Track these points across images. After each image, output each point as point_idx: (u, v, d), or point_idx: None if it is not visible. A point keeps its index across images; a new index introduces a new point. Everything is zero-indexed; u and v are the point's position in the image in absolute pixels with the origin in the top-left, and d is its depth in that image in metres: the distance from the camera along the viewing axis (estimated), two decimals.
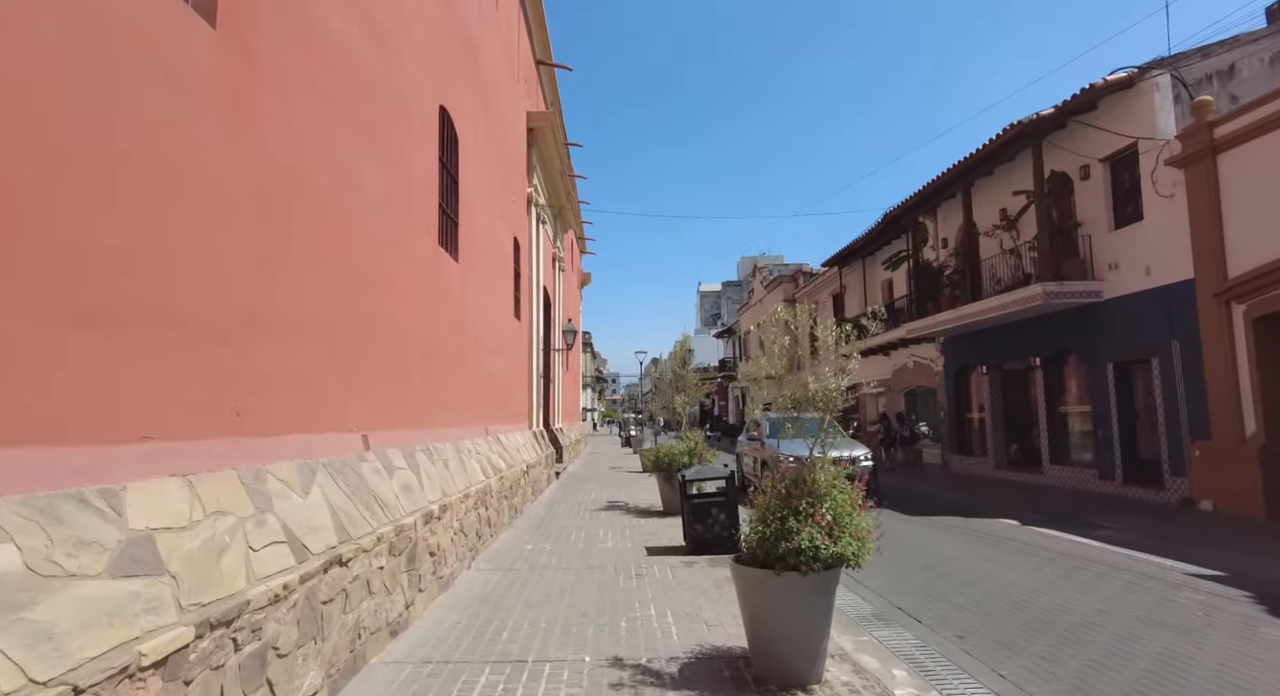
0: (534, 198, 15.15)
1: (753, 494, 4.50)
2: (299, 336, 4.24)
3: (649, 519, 10.34)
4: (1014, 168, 14.55)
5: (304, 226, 4.31)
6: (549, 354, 19.87)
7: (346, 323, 4.97)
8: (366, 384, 5.39)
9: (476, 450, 8.72)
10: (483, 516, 7.99)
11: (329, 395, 4.67)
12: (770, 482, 4.38)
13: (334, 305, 4.74)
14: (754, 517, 4.31)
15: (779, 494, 4.23)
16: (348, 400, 5.00)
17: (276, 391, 3.94)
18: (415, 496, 5.71)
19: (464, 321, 8.66)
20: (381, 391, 5.73)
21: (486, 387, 10.21)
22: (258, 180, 3.75)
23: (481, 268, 9.87)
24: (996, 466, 15.66)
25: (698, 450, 10.82)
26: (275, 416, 3.93)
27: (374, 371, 5.56)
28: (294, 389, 4.17)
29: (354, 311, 5.11)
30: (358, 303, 5.18)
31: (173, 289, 3.04)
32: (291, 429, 4.11)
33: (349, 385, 5.03)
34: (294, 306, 4.17)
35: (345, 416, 4.95)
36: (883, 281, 22.73)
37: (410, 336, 6.49)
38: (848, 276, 24.52)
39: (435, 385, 7.37)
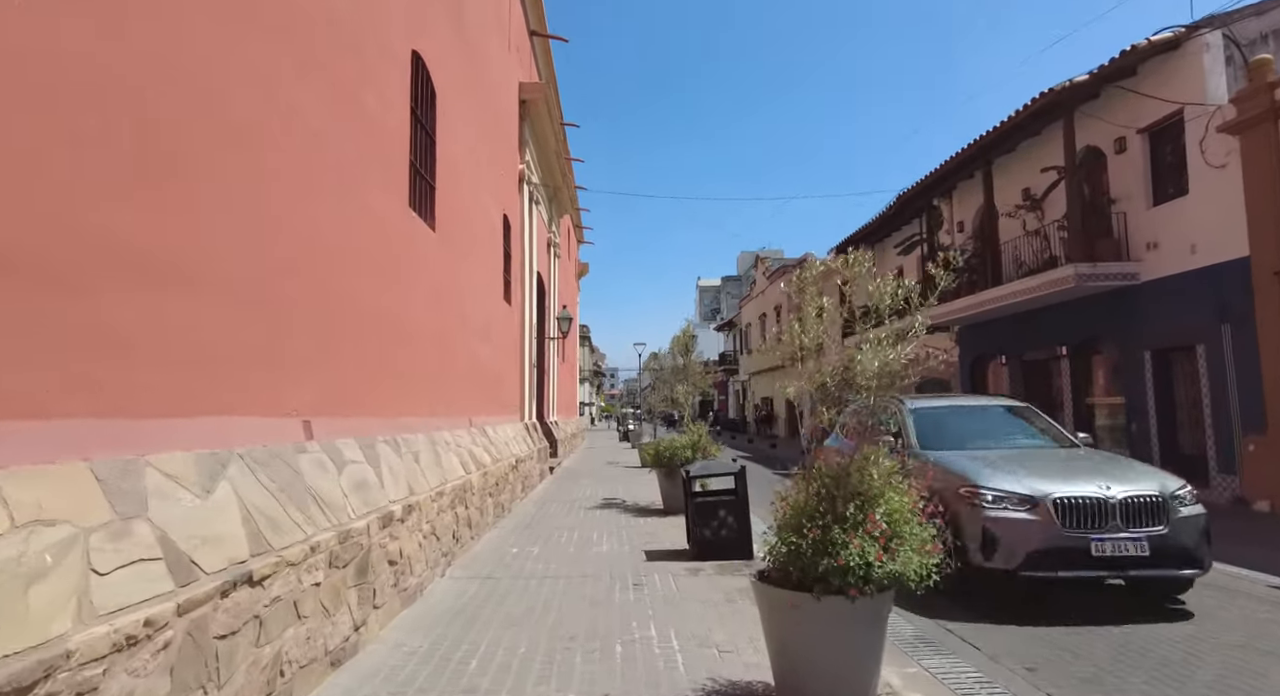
0: (526, 175, 14.23)
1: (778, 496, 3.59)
2: (202, 291, 3.32)
3: (648, 518, 9.44)
4: (1038, 143, 13.62)
5: (196, 141, 3.38)
6: (543, 343, 18.96)
7: (277, 283, 4.05)
8: (309, 361, 4.47)
9: (457, 442, 7.81)
10: (461, 516, 7.09)
11: (252, 371, 3.75)
12: (803, 480, 3.47)
13: (256, 258, 3.81)
14: (783, 524, 3.41)
15: (817, 494, 3.32)
16: (281, 379, 4.09)
17: (163, 360, 3.02)
18: (372, 495, 4.80)
19: (443, 298, 7.74)
20: (332, 371, 4.81)
21: (472, 374, 9.30)
22: (109, 61, 2.82)
23: (465, 241, 8.95)
24: None
25: (701, 444, 9.92)
26: (162, 392, 3.01)
27: (320, 346, 4.65)
28: (195, 359, 3.25)
29: (288, 270, 4.19)
30: (294, 259, 4.26)
31: None
32: (191, 409, 3.20)
33: (283, 361, 4.11)
34: (191, 250, 3.24)
35: (278, 398, 4.04)
36: (894, 269, 21.78)
37: (371, 309, 5.57)
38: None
39: (406, 368, 6.46)
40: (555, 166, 17.42)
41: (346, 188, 5.08)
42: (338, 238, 4.90)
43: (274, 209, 4.02)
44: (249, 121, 3.78)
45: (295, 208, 4.27)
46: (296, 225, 4.31)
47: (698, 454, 9.80)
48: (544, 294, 19.20)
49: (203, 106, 3.34)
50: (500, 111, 11.91)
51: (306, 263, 4.46)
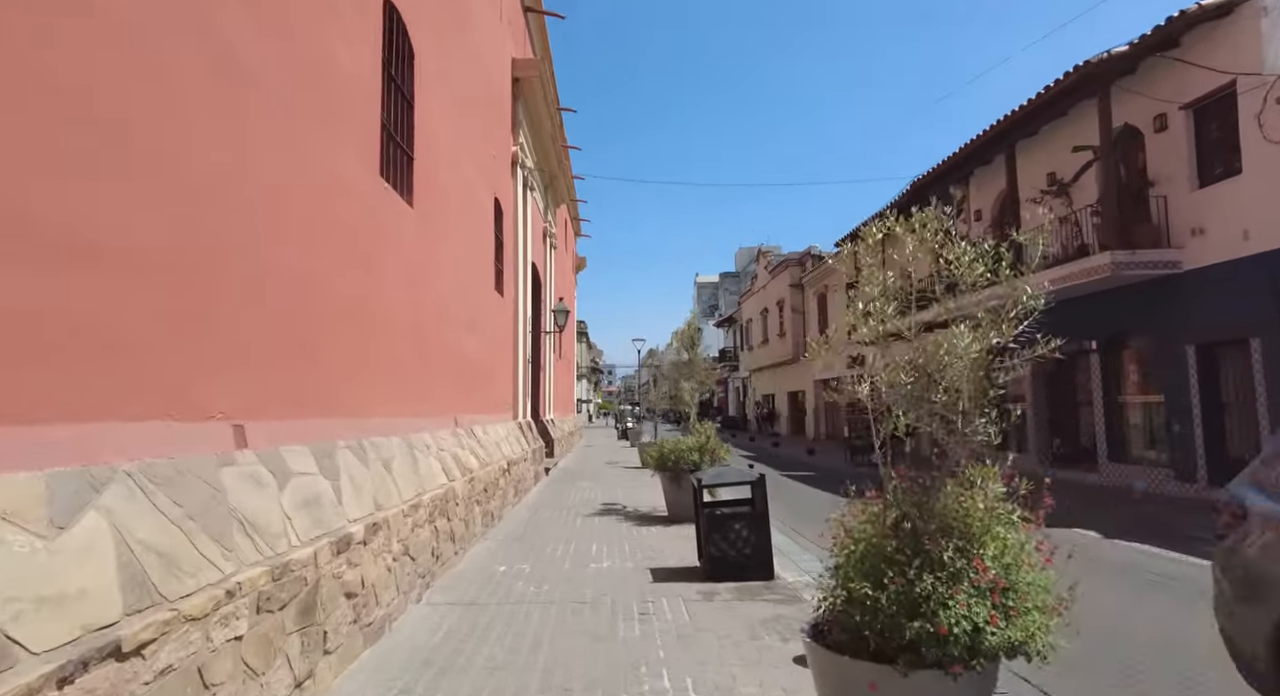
0: (520, 158, 13.36)
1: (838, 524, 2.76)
2: (87, 263, 2.46)
3: (652, 528, 8.61)
4: (1065, 124, 12.79)
5: (97, 78, 2.52)
6: (539, 337, 18.11)
7: (198, 254, 3.19)
8: (246, 352, 3.62)
9: (439, 445, 6.97)
10: (442, 530, 6.25)
11: (155, 362, 2.90)
12: (880, 507, 2.64)
13: (166, 222, 2.95)
14: (849, 564, 2.58)
15: (895, 526, 2.48)
16: (202, 373, 3.24)
17: (12, 348, 2.17)
18: (325, 514, 3.96)
19: (422, 283, 6.89)
20: (275, 365, 3.96)
21: (457, 370, 8.45)
22: None
23: (449, 222, 8.09)
24: (1039, 463, 13.94)
25: (710, 446, 9.09)
26: (4, 391, 2.16)
27: (262, 334, 3.80)
28: (65, 347, 2.39)
29: (215, 239, 3.33)
30: (224, 227, 3.40)
31: None
32: (50, 413, 2.35)
33: (205, 351, 3.26)
34: (76, 212, 2.38)
35: (197, 397, 3.19)
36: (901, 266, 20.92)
37: (332, 291, 4.72)
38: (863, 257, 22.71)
39: (377, 361, 5.61)
40: (551, 151, 16.55)
41: (298, 146, 4.23)
42: (285, 203, 4.04)
43: (197, 165, 3.16)
44: (170, 58, 2.92)
45: (223, 159, 3.42)
46: (229, 181, 3.45)
47: (706, 457, 8.99)
48: (539, 286, 18.34)
49: (108, 36, 2.49)
50: (491, 86, 11.04)
51: (244, 231, 3.60)
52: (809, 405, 30.41)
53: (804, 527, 9.11)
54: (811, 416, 29.81)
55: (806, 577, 6.22)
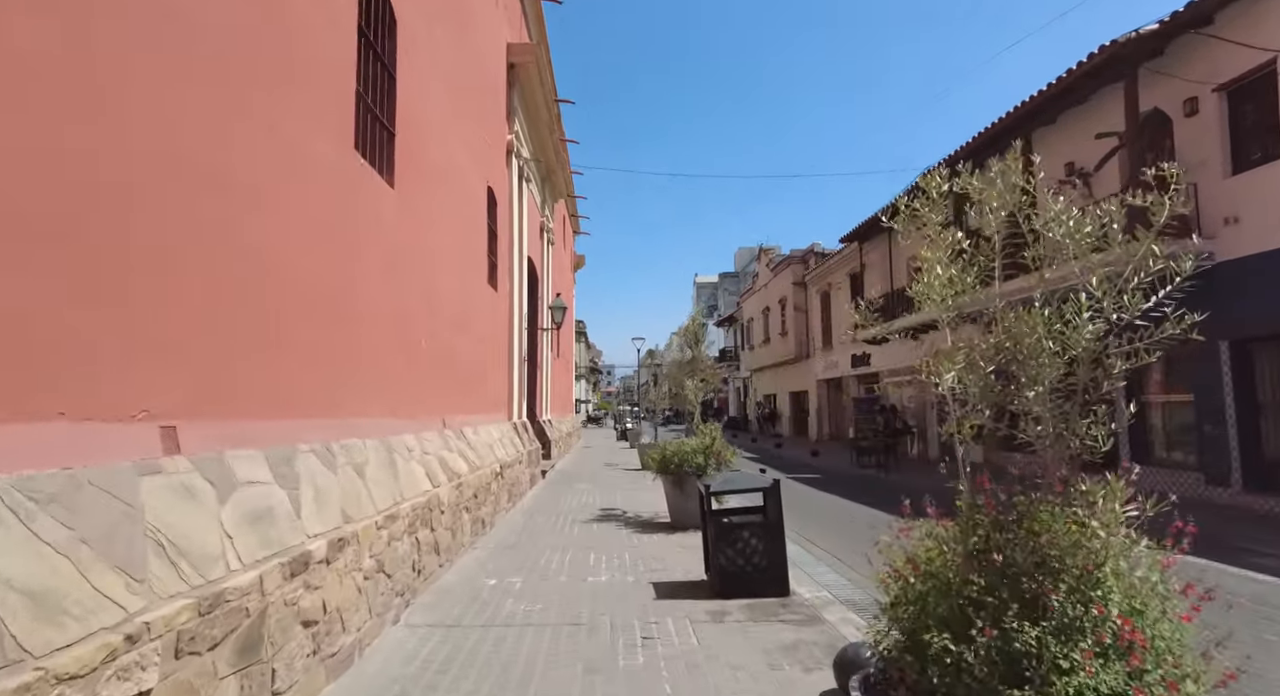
0: (515, 147, 12.80)
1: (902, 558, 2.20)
2: None
3: (654, 536, 8.05)
4: (1085, 111, 12.24)
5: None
6: (535, 334, 17.56)
7: (108, 220, 2.63)
8: (175, 340, 3.06)
9: (423, 448, 6.40)
10: (425, 541, 5.69)
11: (36, 346, 2.34)
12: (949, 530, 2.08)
13: (60, 176, 2.39)
14: (906, 599, 2.02)
15: (976, 556, 1.92)
16: (119, 364, 2.67)
17: None
18: (278, 530, 3.40)
19: (404, 271, 6.33)
20: (223, 356, 3.40)
21: (446, 367, 7.89)
22: None
23: (436, 207, 7.53)
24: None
25: (715, 448, 8.53)
26: None
27: (199, 321, 3.23)
28: None
29: (113, 196, 2.76)
30: (134, 182, 2.83)
31: None
32: None
33: (123, 337, 2.70)
34: None
35: (110, 393, 2.62)
36: (909, 257, 20.38)
37: (290, 272, 4.15)
38: (869, 253, 22.16)
39: (349, 356, 5.05)
40: (548, 143, 15.99)
41: (248, 104, 3.66)
42: (227, 163, 3.48)
43: (105, 114, 2.60)
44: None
45: (151, 110, 2.85)
46: (161, 139, 2.89)
47: (711, 460, 8.43)
48: (536, 282, 17.79)
49: None
50: (484, 69, 10.48)
51: (176, 197, 3.04)
52: (812, 405, 29.85)
53: (815, 536, 8.55)
54: (815, 417, 29.25)
55: (825, 593, 5.67)
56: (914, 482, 14.01)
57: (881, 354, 21.62)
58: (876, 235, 21.51)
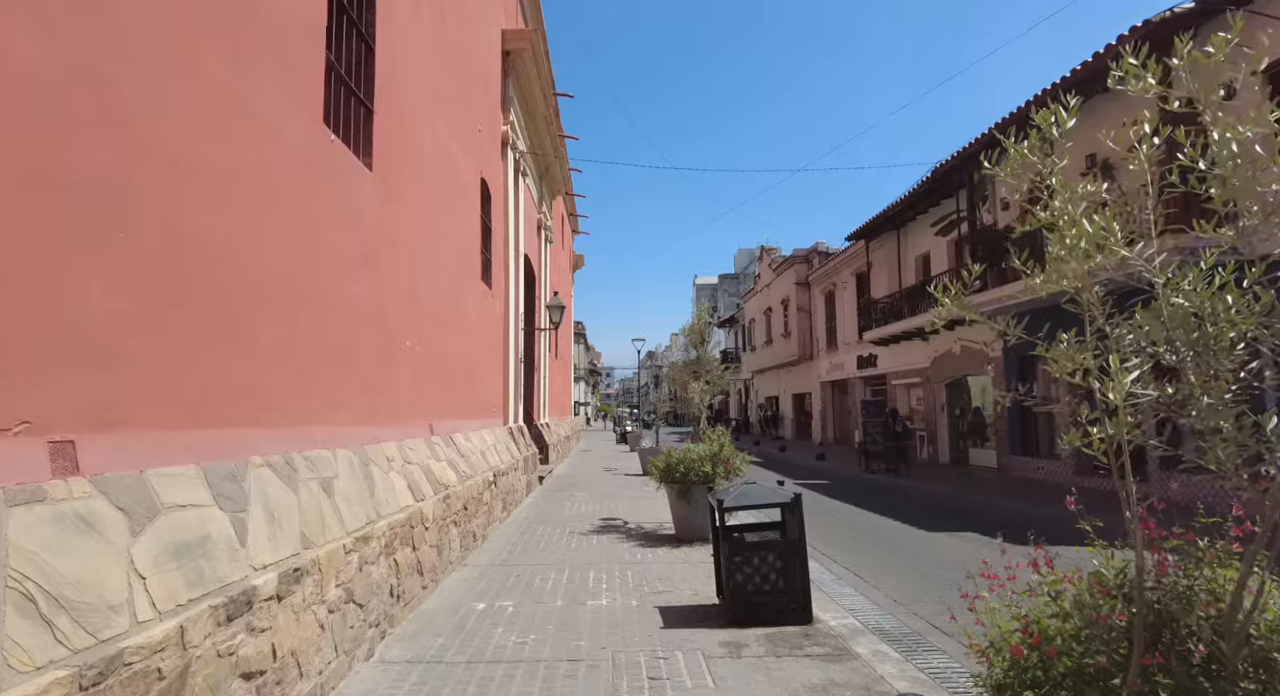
0: (511, 139, 12.23)
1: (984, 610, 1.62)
2: None
3: (659, 550, 7.46)
4: (1107, 100, 11.67)
5: None
6: (533, 335, 16.98)
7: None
8: (77, 335, 2.47)
9: (405, 458, 5.82)
10: (406, 562, 5.11)
11: None
12: (1084, 590, 1.48)
13: None
14: (1023, 682, 1.43)
15: (1151, 636, 1.33)
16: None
17: None
18: (213, 564, 2.81)
19: (385, 263, 5.75)
20: (148, 355, 2.82)
21: (435, 368, 7.31)
22: None
23: (423, 195, 6.95)
24: (1077, 471, 12.81)
25: (724, 456, 7.95)
26: None
27: (114, 312, 2.65)
28: None
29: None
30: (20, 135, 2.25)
31: None
32: None
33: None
34: None
35: None
36: (918, 256, 19.84)
37: (242, 258, 3.57)
38: (875, 251, 21.58)
39: (317, 356, 4.47)
40: (546, 136, 15.43)
41: (183, 51, 3.08)
42: (155, 125, 2.89)
43: None
44: None
45: (49, 49, 2.27)
46: (51, 80, 2.31)
47: (719, 468, 7.85)
48: (533, 281, 17.22)
49: None
50: (477, 52, 9.91)
51: (90, 160, 2.46)
52: (815, 408, 29.26)
53: (832, 549, 7.97)
54: (819, 419, 28.66)
55: (851, 620, 5.08)
56: (928, 489, 13.41)
57: (889, 355, 21.04)
58: (883, 233, 20.95)
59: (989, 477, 14.88)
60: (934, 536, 8.74)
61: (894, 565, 7.20)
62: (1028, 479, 14.06)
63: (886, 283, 20.86)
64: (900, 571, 6.92)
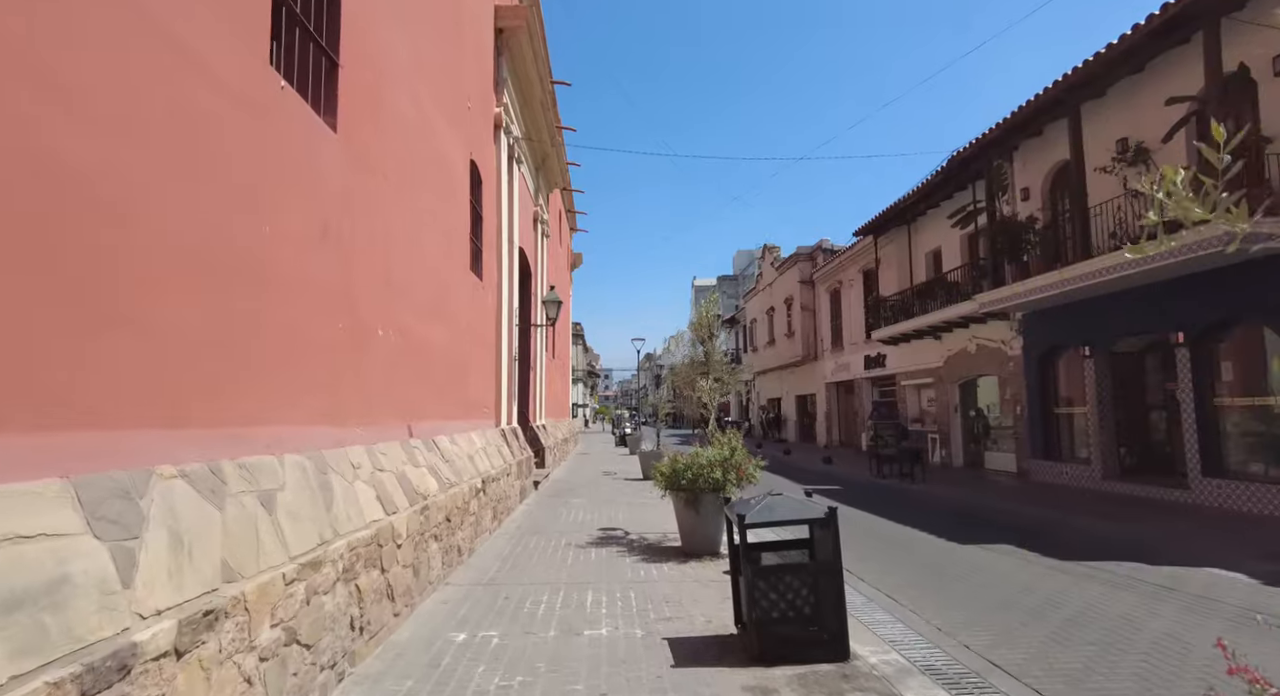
0: (505, 122, 11.48)
1: None
2: None
3: (664, 565, 6.70)
4: (1138, 84, 11.00)
5: None
6: (529, 332, 16.23)
7: None
8: None
9: (377, 465, 5.06)
10: (372, 587, 4.35)
11: None
12: None
13: None
14: None
15: None
16: None
17: None
18: (65, 617, 2.06)
19: (353, 239, 4.99)
20: None
21: (414, 363, 6.56)
22: None
23: (402, 169, 6.20)
24: (1105, 476, 12.06)
25: (735, 461, 7.19)
26: None
27: None
28: None
29: None
30: None
31: None
32: None
33: None
34: None
35: None
36: (928, 252, 19.08)
37: (148, 218, 2.80)
38: (884, 247, 20.82)
39: (262, 344, 3.71)
40: (542, 123, 14.68)
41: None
42: (20, 39, 2.13)
43: None
44: None
45: None
46: None
47: (730, 474, 7.09)
48: (529, 276, 16.47)
49: None
50: (468, 21, 9.17)
51: None
52: (820, 409, 28.49)
53: (858, 566, 7.19)
54: (823, 421, 27.89)
55: (895, 655, 4.33)
56: (946, 495, 12.66)
57: (899, 354, 20.29)
58: (893, 228, 20.21)
59: (1008, 482, 14.12)
60: (964, 549, 7.98)
61: (929, 584, 6.44)
62: (1050, 484, 13.30)
63: (896, 279, 20.11)
64: (938, 592, 6.16)
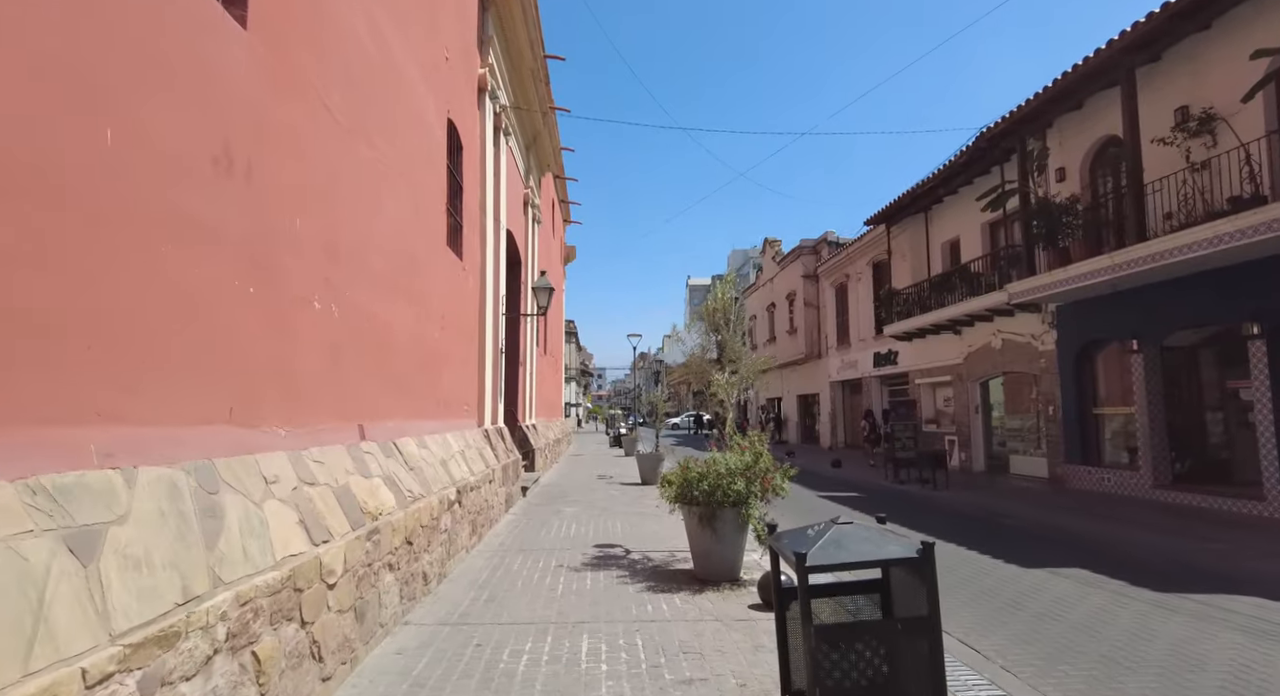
0: (491, 86, 10.24)
1: None
2: None
3: (674, 596, 5.48)
4: (1203, 43, 9.85)
5: None
6: (518, 325, 14.98)
7: None
8: None
9: (304, 476, 3.82)
10: (280, 650, 3.10)
11: None
12: None
13: None
14: None
15: None
16: None
17: None
18: None
19: (268, 175, 3.74)
20: None
21: (369, 348, 5.33)
22: None
23: (351, 104, 4.95)
24: (1156, 484, 10.88)
25: (760, 469, 5.98)
26: None
27: None
28: None
29: None
30: None
31: None
32: None
33: None
34: None
35: None
36: (945, 242, 17.90)
37: None
38: (896, 237, 19.61)
39: (105, 297, 2.46)
40: (533, 94, 13.43)
41: None
42: None
43: None
44: None
45: None
46: None
47: (755, 487, 5.88)
48: (519, 265, 15.22)
49: None
50: None
51: None
52: (824, 409, 27.28)
53: None
54: (828, 422, 26.67)
55: None
56: (980, 504, 11.45)
57: (913, 351, 19.10)
58: (906, 217, 19.02)
59: (1040, 489, 12.93)
60: (1032, 574, 6.74)
61: (1012, 626, 5.19)
62: (1090, 491, 12.11)
63: (910, 271, 18.92)
64: (1028, 638, 4.91)
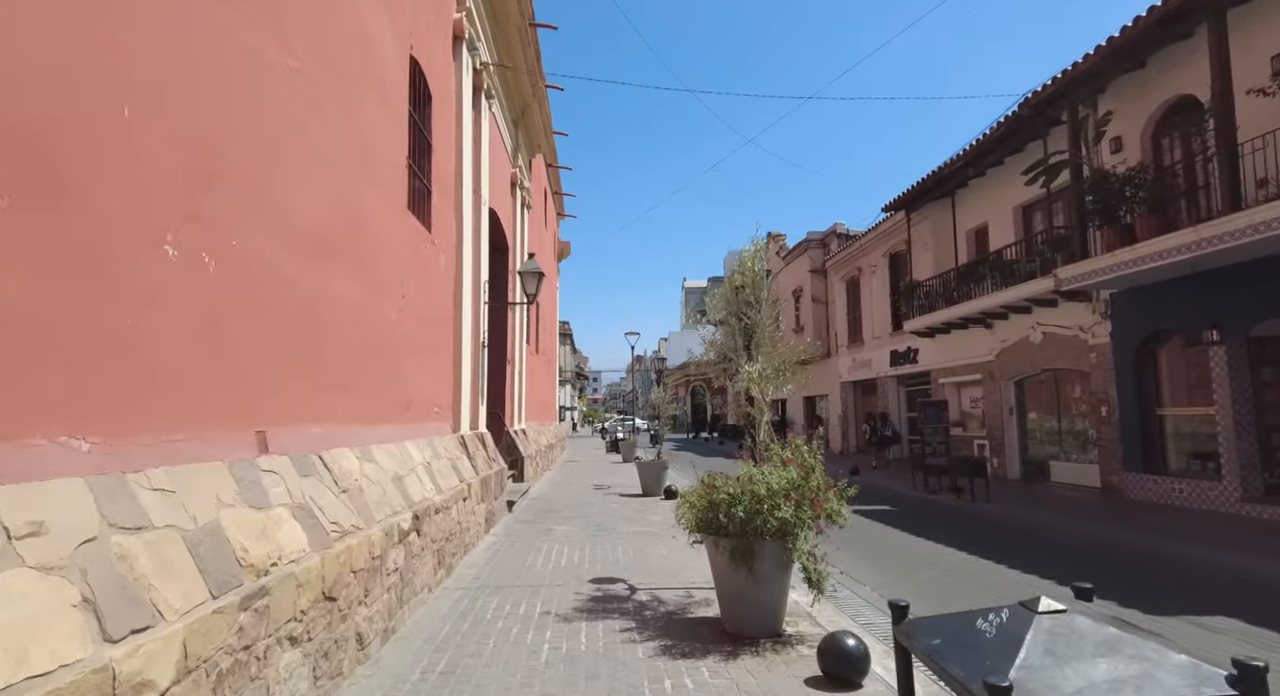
0: (469, 34, 8.75)
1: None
2: None
3: (701, 664, 3.96)
4: None
5: None
6: (506, 321, 13.48)
7: None
8: None
9: (110, 519, 2.29)
10: None
11: None
12: None
13: None
14: None
15: None
16: None
17: None
18: None
19: (57, 37, 2.21)
20: None
21: (279, 324, 3.83)
22: None
23: (275, 18, 3.43)
24: (1246, 497, 9.40)
25: (812, 488, 4.47)
26: None
27: None
28: None
29: None
30: None
31: None
32: None
33: None
34: None
35: None
36: (971, 230, 16.45)
37: None
38: (916, 225, 18.15)
39: None
40: (520, 57, 11.94)
41: None
42: None
43: None
44: None
45: None
46: None
47: (805, 514, 4.38)
48: (506, 251, 13.71)
49: None
50: None
51: None
52: (833, 412, 25.77)
53: None
54: (838, 425, 25.15)
55: None
56: (1033, 520, 9.95)
57: (935, 348, 17.61)
58: (928, 203, 17.56)
59: (1093, 499, 11.44)
60: (1172, 627, 5.20)
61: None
62: (1158, 504, 10.61)
63: (932, 262, 17.45)
64: None
